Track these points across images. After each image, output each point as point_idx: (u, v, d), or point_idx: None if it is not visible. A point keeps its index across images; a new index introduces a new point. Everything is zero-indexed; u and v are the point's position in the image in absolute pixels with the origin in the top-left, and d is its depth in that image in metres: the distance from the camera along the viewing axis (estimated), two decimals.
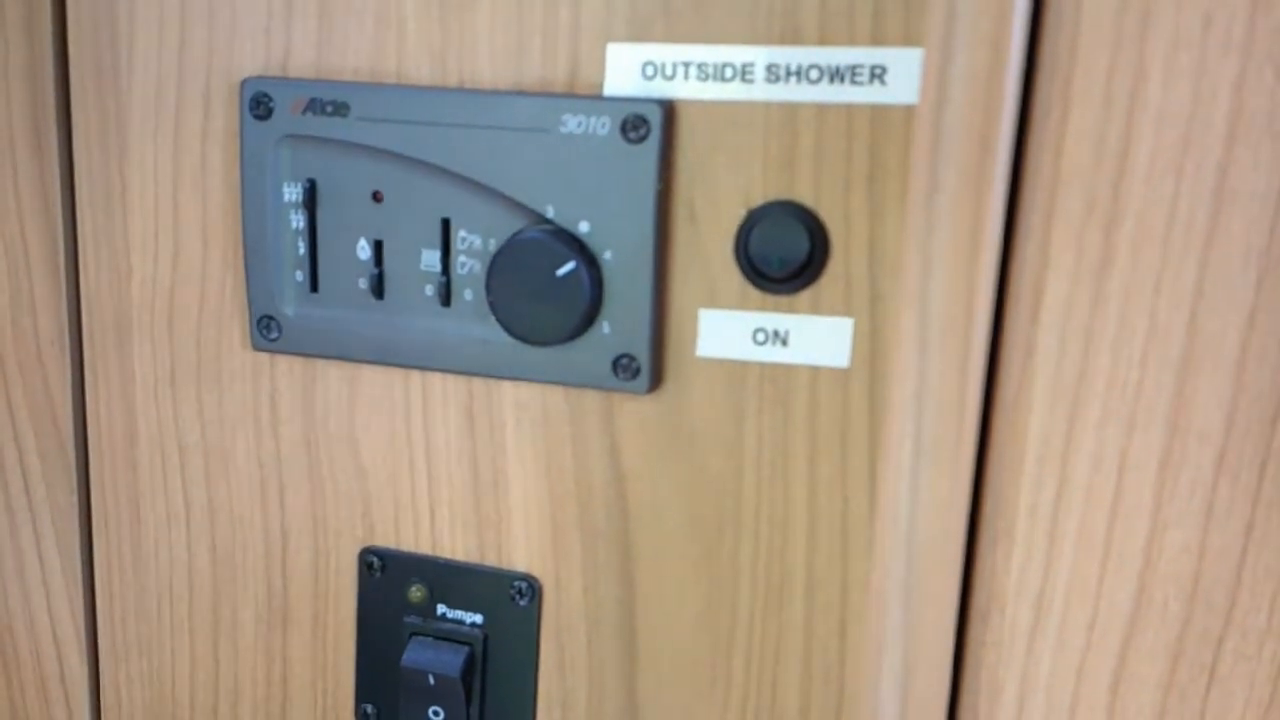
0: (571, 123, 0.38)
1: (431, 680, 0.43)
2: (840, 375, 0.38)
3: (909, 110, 0.35)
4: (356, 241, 0.41)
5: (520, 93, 0.39)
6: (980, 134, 0.27)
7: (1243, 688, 0.30)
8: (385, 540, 0.44)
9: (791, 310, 0.38)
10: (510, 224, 0.39)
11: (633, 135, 0.37)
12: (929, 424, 0.29)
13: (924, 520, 0.29)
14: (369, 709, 0.46)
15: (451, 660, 0.43)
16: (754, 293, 0.38)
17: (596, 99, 0.38)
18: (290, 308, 0.42)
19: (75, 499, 0.47)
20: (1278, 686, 0.30)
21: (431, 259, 0.41)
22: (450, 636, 0.44)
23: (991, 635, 0.31)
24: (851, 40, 0.35)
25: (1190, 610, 0.29)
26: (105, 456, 0.46)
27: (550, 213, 0.39)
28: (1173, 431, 0.29)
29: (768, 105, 0.36)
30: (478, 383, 0.42)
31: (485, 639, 0.43)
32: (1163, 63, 0.27)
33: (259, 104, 0.41)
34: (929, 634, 0.30)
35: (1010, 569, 0.30)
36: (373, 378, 0.43)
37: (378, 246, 0.41)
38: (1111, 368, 0.29)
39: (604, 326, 0.39)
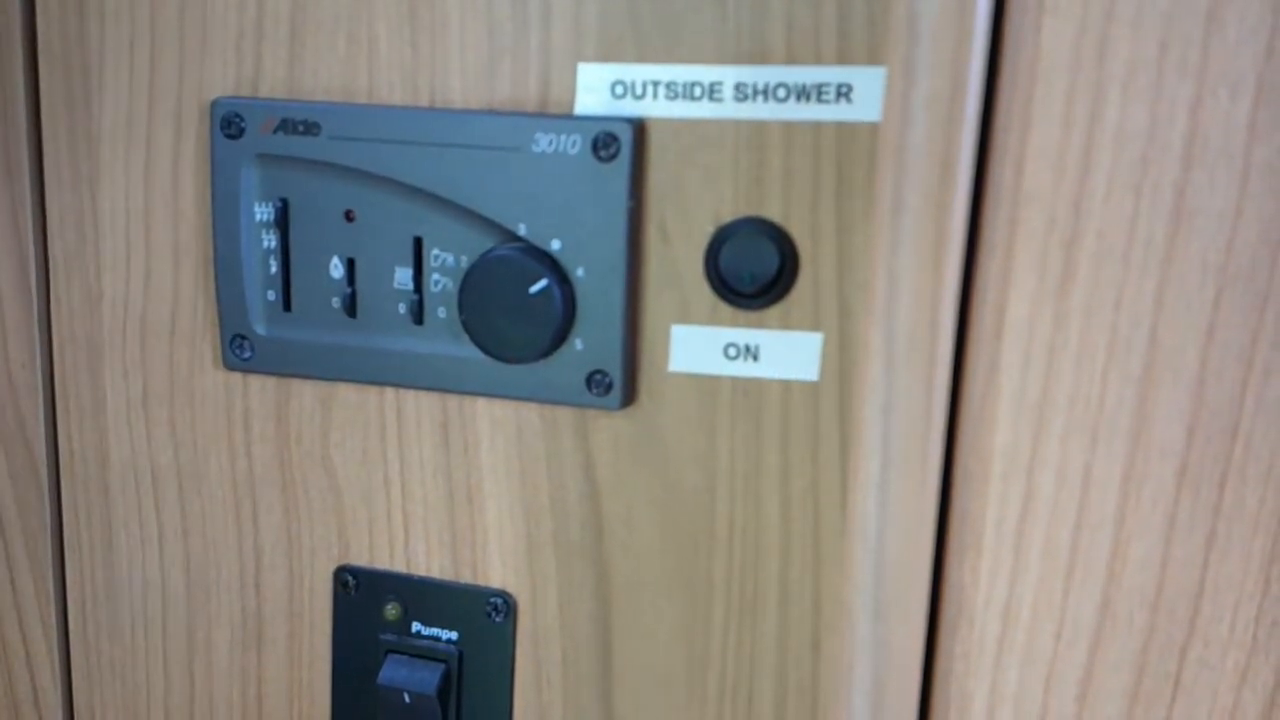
0: (543, 141, 0.38)
1: (407, 698, 0.43)
2: (811, 389, 0.38)
3: (875, 128, 0.35)
4: (329, 260, 0.41)
5: (491, 112, 0.39)
6: (943, 154, 0.28)
7: (1207, 696, 0.30)
8: (360, 559, 0.44)
9: (762, 325, 0.38)
10: (482, 242, 0.39)
11: (603, 153, 0.38)
12: (896, 439, 0.29)
13: (892, 534, 0.30)
14: None
15: (427, 678, 0.43)
16: (725, 308, 0.38)
17: (567, 118, 0.38)
18: (263, 327, 0.42)
19: (48, 522, 0.47)
20: (1241, 695, 0.30)
21: (404, 277, 0.41)
22: (426, 654, 0.44)
23: (960, 647, 0.31)
24: (818, 59, 0.36)
25: (1154, 621, 0.30)
26: (78, 479, 0.46)
27: (522, 230, 0.39)
28: (1135, 445, 0.29)
29: (736, 123, 0.37)
30: (451, 400, 0.42)
31: (461, 656, 0.43)
32: (1120, 85, 0.28)
33: (230, 124, 0.41)
34: (899, 646, 0.31)
35: (978, 582, 0.30)
36: (346, 396, 0.43)
37: (350, 265, 0.41)
38: (1074, 383, 0.29)
39: (577, 343, 0.39)
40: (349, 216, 0.41)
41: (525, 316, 0.39)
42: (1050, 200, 0.29)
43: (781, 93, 0.36)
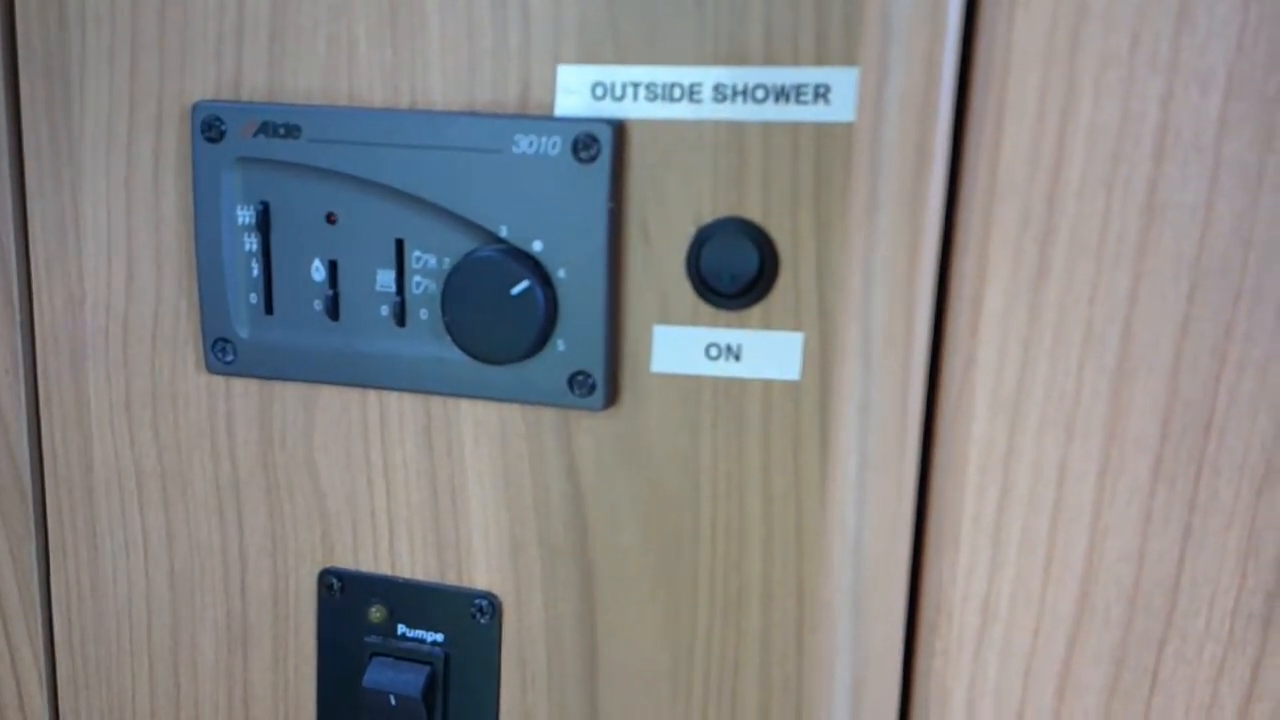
0: (523, 143, 0.38)
1: (393, 701, 0.43)
2: (792, 388, 0.38)
3: (853, 128, 0.36)
4: (311, 263, 0.41)
5: (472, 113, 0.39)
6: (917, 150, 0.28)
7: (1184, 690, 0.30)
8: (345, 561, 0.44)
9: (743, 325, 0.38)
10: (464, 244, 0.39)
11: (584, 155, 0.38)
12: (873, 435, 0.30)
13: (871, 530, 0.30)
14: None
15: (413, 680, 0.43)
16: (706, 308, 0.38)
17: (547, 119, 0.38)
18: (245, 330, 0.42)
19: (32, 526, 0.47)
20: (1218, 688, 0.30)
21: (386, 279, 0.41)
22: (411, 656, 0.44)
23: (940, 642, 0.31)
24: (796, 60, 0.36)
25: (1131, 615, 0.30)
26: (61, 483, 0.46)
27: (504, 232, 0.39)
28: (1110, 439, 0.29)
29: (716, 124, 0.37)
30: (435, 402, 0.42)
31: (446, 658, 0.43)
32: (1093, 80, 0.28)
33: (210, 127, 0.41)
34: (879, 642, 0.31)
35: (956, 577, 0.30)
36: (330, 399, 0.43)
37: (332, 267, 0.41)
38: (1049, 377, 0.29)
39: (559, 344, 0.39)
40: (330, 219, 0.41)
41: (507, 318, 0.39)
42: (1024, 196, 0.29)
43: (760, 94, 0.36)
